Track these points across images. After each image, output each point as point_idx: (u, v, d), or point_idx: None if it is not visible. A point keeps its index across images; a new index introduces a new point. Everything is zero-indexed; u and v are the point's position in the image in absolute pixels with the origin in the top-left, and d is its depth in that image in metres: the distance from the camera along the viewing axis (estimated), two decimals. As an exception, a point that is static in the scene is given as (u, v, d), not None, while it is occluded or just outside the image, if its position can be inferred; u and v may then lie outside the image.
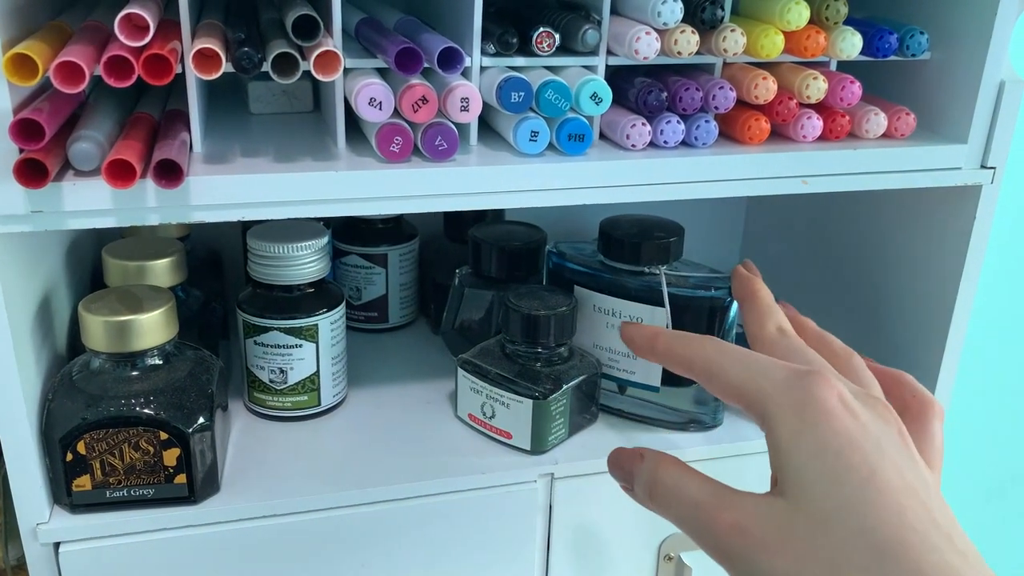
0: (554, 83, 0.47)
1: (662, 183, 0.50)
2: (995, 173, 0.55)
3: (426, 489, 0.53)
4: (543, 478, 0.55)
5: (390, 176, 0.46)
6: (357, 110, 0.45)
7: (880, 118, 0.54)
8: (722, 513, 0.34)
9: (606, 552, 0.58)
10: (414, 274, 0.71)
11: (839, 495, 0.31)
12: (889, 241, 0.65)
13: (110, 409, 0.47)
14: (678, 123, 0.50)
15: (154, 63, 0.40)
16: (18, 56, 0.38)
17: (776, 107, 0.52)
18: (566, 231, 0.71)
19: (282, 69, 0.43)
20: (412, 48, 0.44)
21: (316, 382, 0.58)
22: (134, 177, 0.40)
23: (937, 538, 0.29)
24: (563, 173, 0.48)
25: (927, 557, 0.29)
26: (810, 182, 0.53)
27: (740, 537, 0.32)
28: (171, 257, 0.56)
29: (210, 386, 0.50)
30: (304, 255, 0.56)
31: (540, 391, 0.54)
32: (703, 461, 0.58)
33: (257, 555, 0.51)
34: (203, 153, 0.47)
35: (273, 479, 0.53)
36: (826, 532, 0.30)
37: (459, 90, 0.46)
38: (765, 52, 0.49)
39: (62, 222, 0.43)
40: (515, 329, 0.56)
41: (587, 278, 0.59)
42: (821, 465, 0.32)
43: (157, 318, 0.48)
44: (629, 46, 0.47)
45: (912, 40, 0.53)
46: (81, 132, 0.42)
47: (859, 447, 0.31)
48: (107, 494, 0.48)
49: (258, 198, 0.45)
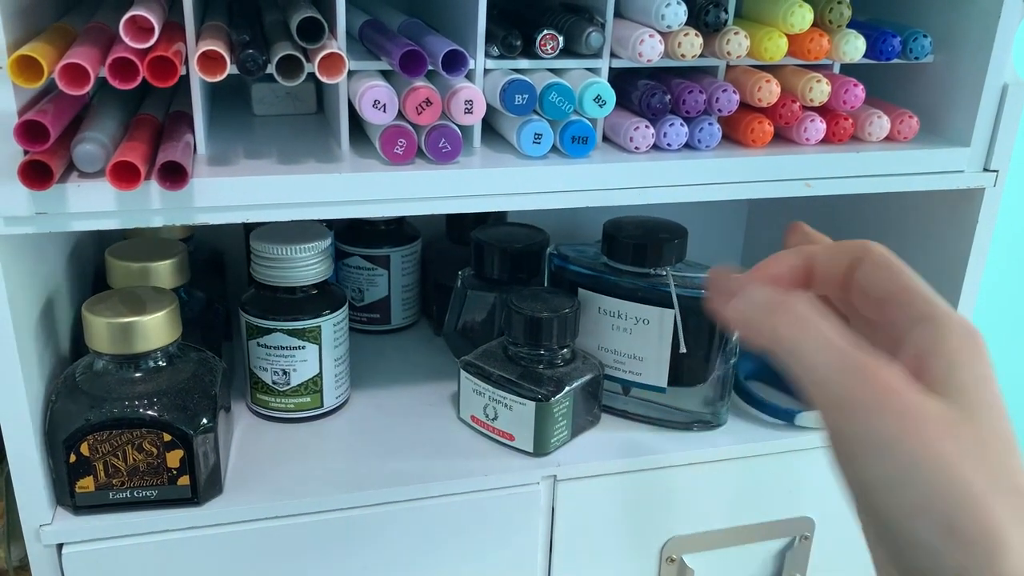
0: (558, 85, 0.47)
1: (665, 186, 0.50)
2: (998, 176, 0.55)
3: (428, 491, 0.53)
4: (546, 480, 0.55)
5: (394, 178, 0.46)
6: (361, 112, 0.45)
7: (883, 121, 0.54)
8: (879, 370, 0.29)
9: (608, 554, 0.58)
10: (416, 276, 0.71)
11: (999, 414, 0.29)
12: (891, 244, 0.64)
13: (113, 411, 0.47)
14: (681, 126, 0.50)
15: (159, 65, 0.40)
16: (23, 58, 0.38)
17: (779, 110, 0.52)
18: (568, 233, 0.71)
19: (287, 71, 0.43)
20: (416, 50, 0.44)
21: (319, 384, 0.58)
22: (138, 179, 0.40)
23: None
24: (566, 175, 0.48)
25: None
26: (813, 185, 0.53)
27: (898, 402, 0.28)
28: (174, 259, 0.56)
29: (213, 388, 0.50)
30: (307, 257, 0.56)
31: (543, 393, 0.54)
32: (707, 463, 0.58)
33: (260, 556, 0.51)
34: (207, 155, 0.47)
35: (276, 481, 0.53)
36: (989, 440, 0.28)
37: (463, 92, 0.46)
38: (768, 55, 0.49)
39: (66, 224, 0.43)
40: (518, 331, 0.56)
41: (590, 280, 0.59)
42: (985, 388, 0.29)
43: (160, 320, 0.48)
44: (633, 49, 0.47)
45: (915, 43, 0.53)
46: (85, 134, 0.42)
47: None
48: (110, 495, 0.48)
49: (262, 200, 0.45)
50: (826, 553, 0.63)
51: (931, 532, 0.27)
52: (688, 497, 0.58)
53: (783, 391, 0.64)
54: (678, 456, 0.57)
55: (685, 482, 0.58)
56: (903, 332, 0.31)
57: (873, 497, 0.29)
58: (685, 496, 0.58)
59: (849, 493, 0.30)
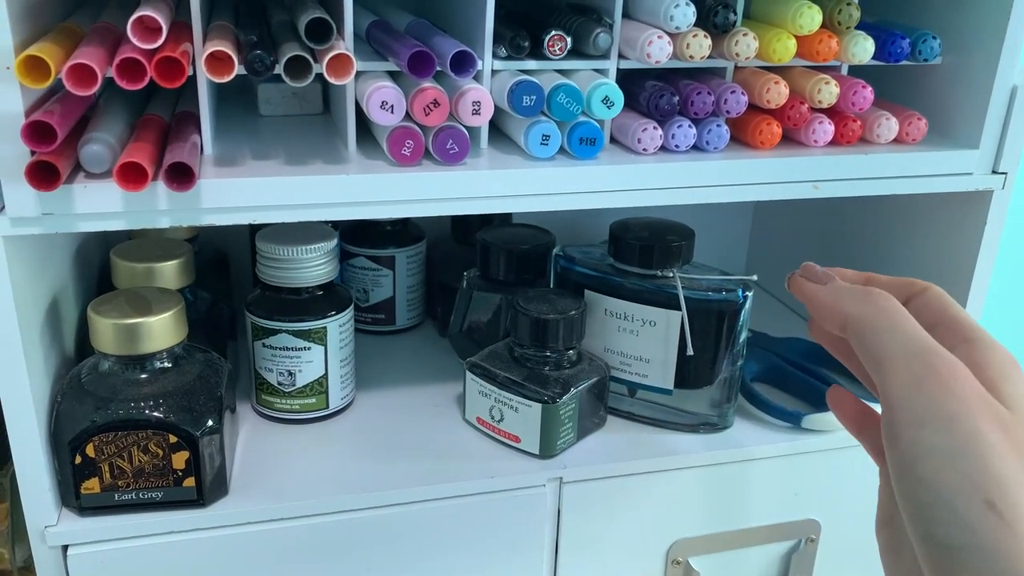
0: (565, 87, 0.47)
1: (673, 187, 0.50)
2: (1006, 179, 0.55)
3: (434, 493, 0.53)
4: (552, 482, 0.55)
5: (401, 180, 0.46)
6: (369, 113, 0.45)
7: (892, 123, 0.54)
8: (951, 358, 0.32)
9: (614, 557, 0.58)
10: (421, 276, 0.71)
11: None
12: (899, 246, 0.65)
13: (119, 412, 0.47)
14: (689, 127, 0.50)
15: (166, 66, 0.40)
16: (31, 58, 0.38)
17: (788, 111, 0.52)
18: (574, 234, 0.71)
19: (295, 72, 0.42)
20: (424, 51, 0.44)
21: (324, 385, 0.57)
22: (146, 180, 0.40)
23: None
24: (574, 177, 0.48)
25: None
26: (821, 187, 0.52)
27: (964, 387, 0.31)
28: (179, 259, 0.56)
29: (219, 389, 0.50)
30: (313, 257, 0.55)
31: (549, 395, 0.54)
32: (713, 465, 0.58)
33: (265, 558, 0.51)
34: (213, 155, 0.47)
35: (281, 482, 0.52)
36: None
37: (471, 93, 0.46)
38: (777, 56, 0.49)
39: (73, 224, 0.42)
40: (524, 332, 0.56)
41: (596, 282, 0.58)
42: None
43: (166, 321, 0.48)
44: (641, 50, 0.47)
45: (924, 45, 0.53)
46: (92, 134, 0.42)
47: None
48: (116, 497, 0.48)
49: (269, 201, 0.45)
50: (832, 556, 0.63)
51: (972, 506, 0.29)
52: (694, 500, 0.58)
53: (789, 394, 0.63)
54: (684, 459, 0.57)
55: (691, 484, 0.58)
56: (949, 349, 0.34)
57: (924, 465, 0.30)
58: (691, 498, 0.58)
59: (895, 467, 0.32)
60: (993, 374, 0.33)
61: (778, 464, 0.59)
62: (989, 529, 0.29)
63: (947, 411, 0.31)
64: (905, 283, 0.38)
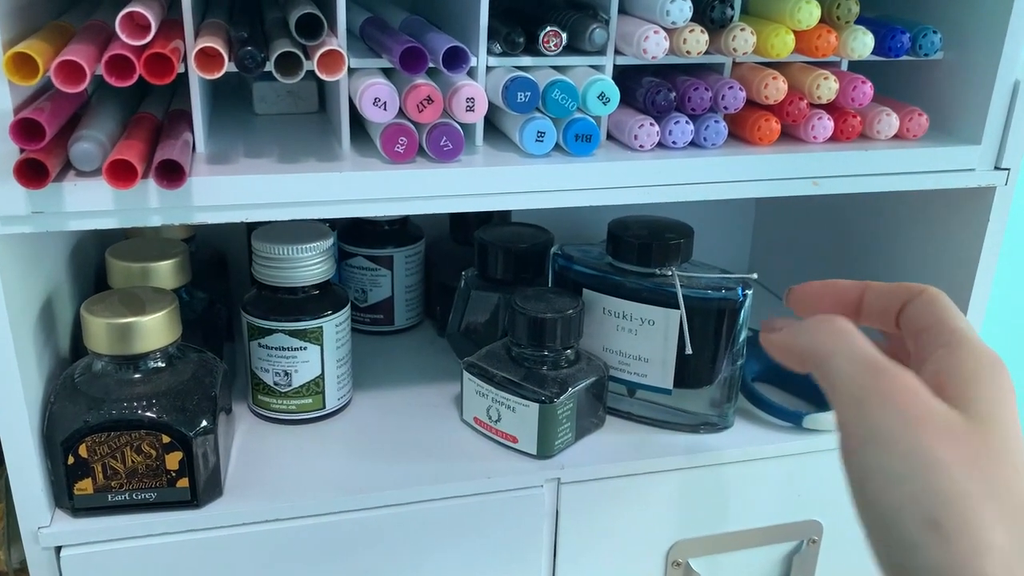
0: (561, 83, 0.47)
1: (671, 184, 0.49)
2: (1009, 174, 0.55)
3: (431, 493, 0.53)
4: (550, 483, 0.54)
5: (395, 177, 0.46)
6: (361, 110, 0.44)
7: (892, 119, 0.53)
8: (896, 374, 0.32)
9: (613, 558, 0.58)
10: (420, 276, 0.71)
11: (1013, 434, 0.31)
12: (901, 242, 0.65)
13: (112, 412, 0.46)
14: (687, 123, 0.50)
15: (155, 62, 0.39)
16: (19, 55, 0.37)
17: (786, 107, 0.51)
18: (572, 232, 0.71)
19: (285, 69, 0.42)
20: (417, 47, 0.43)
21: (321, 385, 0.57)
22: (135, 178, 0.40)
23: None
24: (570, 174, 0.48)
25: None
26: (821, 183, 0.52)
27: (906, 402, 0.31)
28: (175, 259, 0.55)
29: (213, 389, 0.49)
30: (309, 257, 0.55)
31: (546, 395, 0.54)
32: (714, 466, 0.57)
33: (260, 559, 0.51)
34: (206, 153, 0.47)
35: (277, 483, 0.52)
36: (997, 454, 0.30)
37: (465, 90, 0.45)
38: (775, 52, 0.49)
39: (63, 223, 0.42)
40: (521, 332, 0.56)
41: (594, 280, 0.58)
42: (1002, 408, 0.31)
43: (160, 320, 0.48)
44: (637, 45, 0.47)
45: (925, 39, 0.52)
46: (82, 132, 0.42)
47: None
48: (109, 498, 0.48)
49: (262, 199, 0.44)
50: (834, 557, 0.62)
51: (915, 526, 0.28)
52: (694, 500, 0.58)
53: (791, 393, 0.63)
54: (684, 459, 0.56)
55: (691, 485, 0.57)
56: (928, 355, 0.33)
57: (869, 487, 0.30)
58: (691, 499, 0.58)
59: (850, 488, 0.31)
60: (962, 379, 0.32)
61: (779, 464, 0.58)
62: (933, 547, 0.28)
63: (887, 429, 0.30)
64: (902, 288, 0.37)
